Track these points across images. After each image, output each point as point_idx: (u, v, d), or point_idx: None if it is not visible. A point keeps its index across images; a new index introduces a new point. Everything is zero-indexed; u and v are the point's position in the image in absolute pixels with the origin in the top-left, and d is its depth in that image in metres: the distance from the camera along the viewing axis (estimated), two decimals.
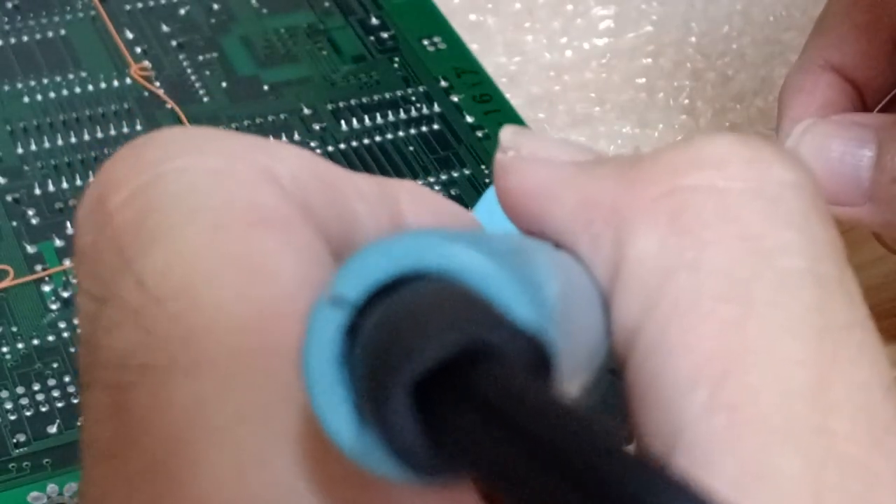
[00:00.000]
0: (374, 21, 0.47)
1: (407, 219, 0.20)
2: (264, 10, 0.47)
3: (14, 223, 0.39)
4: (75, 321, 0.31)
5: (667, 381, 0.17)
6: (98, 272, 0.18)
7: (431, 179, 0.42)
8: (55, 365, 0.35)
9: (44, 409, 0.34)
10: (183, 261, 0.17)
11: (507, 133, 0.20)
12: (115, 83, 0.44)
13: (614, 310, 0.18)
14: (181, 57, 0.45)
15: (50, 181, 0.40)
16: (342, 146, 0.43)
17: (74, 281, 0.19)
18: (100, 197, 0.18)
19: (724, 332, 0.17)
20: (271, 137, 0.42)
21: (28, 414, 0.34)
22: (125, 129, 0.42)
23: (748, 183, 0.18)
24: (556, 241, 0.19)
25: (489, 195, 0.21)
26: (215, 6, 0.47)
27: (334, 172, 0.19)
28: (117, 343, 0.17)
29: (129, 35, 0.46)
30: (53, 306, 0.37)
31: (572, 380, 0.17)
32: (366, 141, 0.43)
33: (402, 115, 0.44)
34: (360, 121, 0.43)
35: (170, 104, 0.43)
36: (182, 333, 0.17)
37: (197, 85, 0.44)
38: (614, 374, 0.18)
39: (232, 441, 0.16)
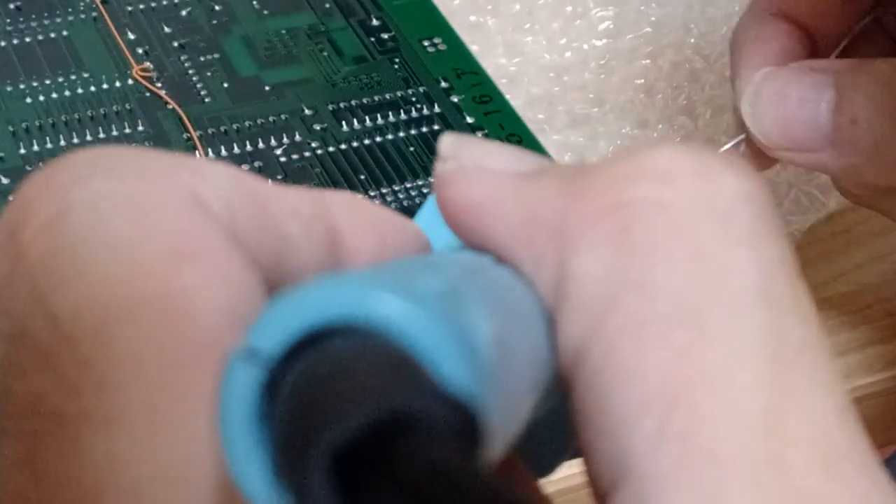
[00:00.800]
0: (375, 22, 0.48)
1: (343, 235, 0.19)
2: (265, 12, 0.48)
3: None
4: None
5: (614, 407, 0.16)
6: (10, 309, 0.17)
7: (432, 180, 0.42)
8: None
9: None
10: (96, 300, 0.16)
11: (446, 141, 0.19)
12: (117, 84, 0.44)
13: (559, 330, 0.17)
14: (183, 58, 0.45)
15: None
16: (343, 147, 0.43)
17: None
18: (13, 227, 0.17)
19: (674, 357, 0.16)
20: (272, 138, 0.43)
21: None
22: (127, 130, 0.43)
23: (697, 197, 0.17)
24: (498, 256, 0.18)
25: (431, 202, 0.20)
26: (217, 7, 0.47)
27: (264, 190, 0.18)
28: (29, 388, 0.16)
29: (131, 36, 0.46)
30: None
31: (509, 424, 0.16)
32: (366, 141, 0.43)
33: (403, 115, 0.44)
34: (361, 121, 0.44)
35: (171, 105, 0.44)
36: (95, 380, 0.16)
37: (198, 86, 0.44)
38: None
39: (147, 500, 0.15)
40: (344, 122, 0.44)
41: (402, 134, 0.43)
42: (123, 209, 0.17)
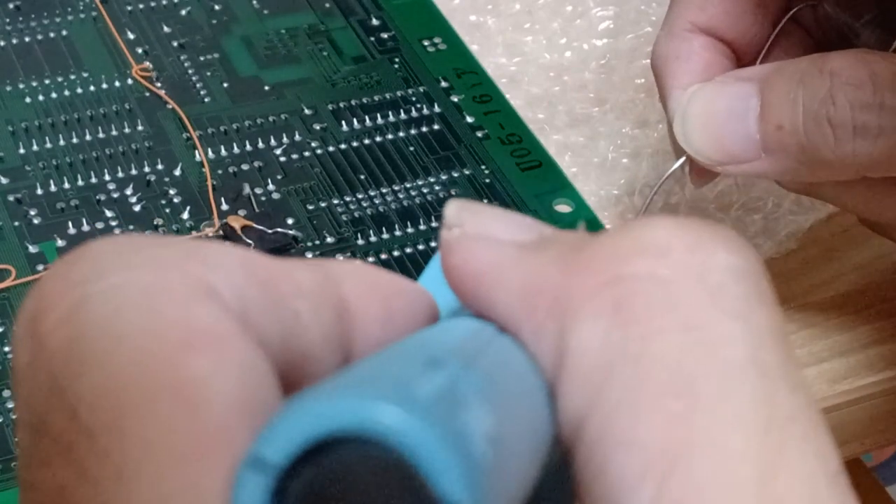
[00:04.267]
0: (375, 22, 0.48)
1: (350, 304, 0.19)
2: (265, 11, 0.48)
3: (16, 223, 0.39)
4: None
5: (613, 476, 0.17)
6: (32, 401, 0.17)
7: (431, 179, 0.42)
8: None
9: None
10: (112, 392, 0.17)
11: (451, 209, 0.20)
12: (117, 83, 0.44)
13: (559, 400, 0.18)
14: (182, 57, 0.45)
15: (52, 181, 0.41)
16: (343, 146, 0.43)
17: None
18: (33, 317, 0.18)
19: (669, 426, 0.17)
20: (272, 138, 0.43)
21: None
22: (126, 130, 0.43)
23: (690, 271, 0.18)
24: (500, 324, 0.19)
25: (435, 262, 0.21)
26: (216, 7, 0.47)
27: (273, 270, 0.19)
28: (52, 480, 0.17)
29: (131, 35, 0.46)
30: None
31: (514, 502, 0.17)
32: (366, 141, 0.43)
33: (403, 115, 0.44)
34: (361, 121, 0.44)
35: (171, 104, 0.44)
36: (113, 472, 0.16)
37: (198, 85, 0.44)
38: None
39: None
40: (344, 122, 0.43)
41: (402, 134, 0.43)
42: (138, 301, 0.17)
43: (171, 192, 0.41)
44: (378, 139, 0.43)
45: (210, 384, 0.17)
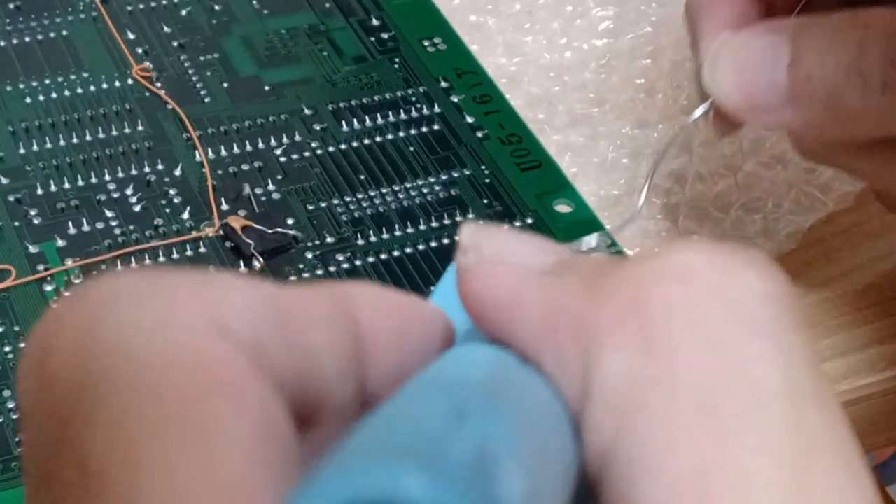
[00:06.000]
0: (375, 22, 0.48)
1: (365, 330, 0.19)
2: (265, 11, 0.48)
3: (16, 223, 0.39)
4: None
5: None
6: (39, 447, 0.17)
7: (431, 179, 0.42)
8: None
9: None
10: (124, 440, 0.16)
11: (466, 232, 0.19)
12: (117, 83, 0.44)
13: (585, 430, 0.18)
14: (182, 57, 0.45)
15: (52, 181, 0.41)
16: (343, 146, 0.43)
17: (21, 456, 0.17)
18: (39, 358, 0.17)
19: (697, 452, 0.16)
20: (272, 138, 0.43)
21: None
22: (126, 130, 0.43)
23: (716, 293, 0.18)
24: (521, 353, 0.19)
25: (449, 275, 0.20)
26: (216, 7, 0.47)
27: (285, 300, 0.18)
28: None
29: (131, 36, 0.46)
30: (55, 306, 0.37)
31: None
32: (366, 141, 0.43)
33: (403, 115, 0.44)
34: (361, 121, 0.44)
35: (171, 105, 0.44)
36: None
37: (198, 85, 0.44)
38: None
39: None
40: (344, 122, 0.43)
41: (402, 134, 0.43)
42: (148, 340, 0.17)
43: (172, 192, 0.41)
44: (378, 139, 0.43)
45: (226, 434, 0.16)
